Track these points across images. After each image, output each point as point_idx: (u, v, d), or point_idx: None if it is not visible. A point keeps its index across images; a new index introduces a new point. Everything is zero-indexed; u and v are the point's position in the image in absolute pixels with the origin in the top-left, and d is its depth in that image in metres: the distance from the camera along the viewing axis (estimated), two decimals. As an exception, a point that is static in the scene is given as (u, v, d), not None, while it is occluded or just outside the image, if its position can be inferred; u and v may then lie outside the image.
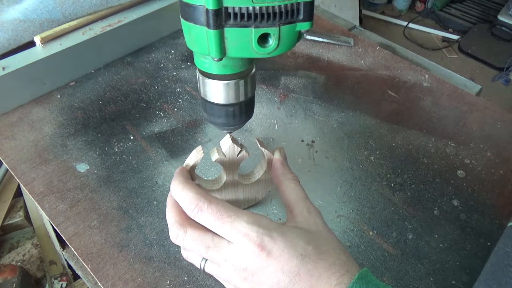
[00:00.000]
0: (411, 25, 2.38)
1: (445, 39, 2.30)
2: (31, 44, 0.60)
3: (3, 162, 0.52)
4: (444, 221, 0.50)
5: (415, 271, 0.45)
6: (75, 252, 0.44)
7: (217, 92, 0.34)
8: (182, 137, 0.57)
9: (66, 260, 0.92)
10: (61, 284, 1.10)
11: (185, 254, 0.36)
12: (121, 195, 0.50)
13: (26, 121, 0.57)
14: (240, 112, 0.36)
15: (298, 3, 0.29)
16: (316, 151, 0.57)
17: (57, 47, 0.60)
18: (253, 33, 0.29)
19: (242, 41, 0.30)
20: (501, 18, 2.17)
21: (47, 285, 1.10)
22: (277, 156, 0.40)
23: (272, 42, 0.30)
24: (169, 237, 0.46)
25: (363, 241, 0.48)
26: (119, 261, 0.44)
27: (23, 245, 1.17)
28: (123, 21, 0.66)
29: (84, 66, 0.64)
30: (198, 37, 0.30)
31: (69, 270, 1.10)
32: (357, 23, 1.91)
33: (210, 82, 0.34)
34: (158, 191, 0.50)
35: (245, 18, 0.28)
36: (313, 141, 0.58)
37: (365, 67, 0.71)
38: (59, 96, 0.61)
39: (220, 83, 0.34)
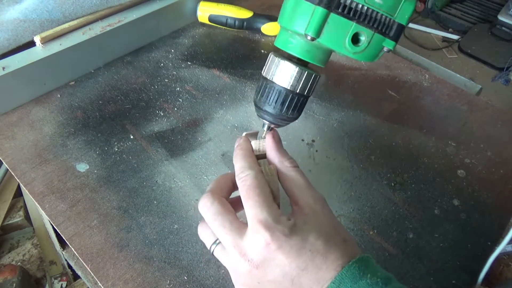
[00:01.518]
0: (411, 25, 2.38)
1: (445, 39, 2.30)
2: (31, 44, 0.60)
3: (3, 162, 0.52)
4: (444, 220, 0.50)
5: (415, 270, 0.45)
6: (75, 252, 0.44)
7: (288, 75, 0.36)
8: (182, 137, 0.57)
9: (66, 260, 0.92)
10: (61, 284, 1.10)
11: (200, 230, 0.36)
12: (121, 195, 0.49)
13: (26, 121, 0.57)
14: (295, 104, 0.37)
15: (394, 21, 0.33)
16: (316, 151, 0.57)
17: (57, 47, 0.60)
18: (352, 27, 0.32)
19: (339, 32, 0.33)
20: (501, 18, 2.17)
21: (47, 285, 1.10)
22: (269, 141, 0.37)
23: (363, 43, 0.33)
24: (169, 237, 0.46)
25: (363, 240, 0.48)
26: (119, 261, 0.44)
27: (23, 245, 1.17)
28: (123, 21, 0.66)
29: (84, 66, 0.64)
30: (302, 14, 0.33)
31: (69, 270, 1.10)
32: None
33: (285, 64, 0.36)
34: (158, 191, 0.50)
35: (352, 13, 0.32)
36: (313, 141, 0.58)
37: (365, 67, 0.71)
38: (59, 95, 0.61)
39: (295, 68, 0.35)
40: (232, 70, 0.68)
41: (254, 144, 0.38)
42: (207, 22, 0.76)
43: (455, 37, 2.29)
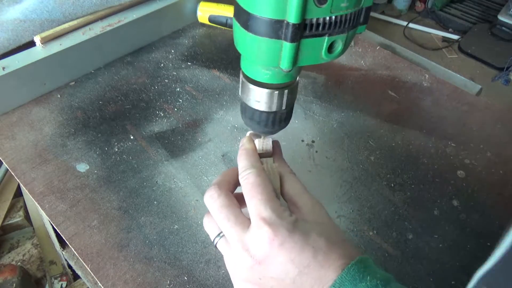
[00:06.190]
0: (411, 25, 2.38)
1: (445, 39, 2.30)
2: (31, 44, 0.60)
3: (3, 162, 0.52)
4: (444, 221, 0.50)
5: (415, 271, 0.45)
6: (75, 252, 0.44)
7: (262, 99, 0.35)
8: (182, 137, 0.57)
9: (66, 260, 0.92)
10: (61, 284, 1.10)
11: (206, 221, 0.37)
12: (121, 195, 0.50)
13: (26, 121, 0.57)
14: (280, 120, 0.37)
15: (361, 9, 0.31)
16: (316, 151, 0.57)
17: (57, 47, 0.60)
18: (325, 41, 0.30)
19: (314, 50, 0.30)
20: (501, 18, 2.17)
21: (47, 285, 1.10)
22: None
23: (339, 47, 0.31)
24: (169, 237, 0.46)
25: (363, 241, 0.48)
26: (119, 261, 0.44)
27: (23, 245, 1.17)
28: (123, 21, 0.66)
29: (84, 66, 0.64)
30: (270, 51, 0.30)
31: (69, 270, 1.10)
32: (357, 23, 1.90)
33: (265, 92, 0.34)
34: (158, 191, 0.50)
35: (320, 28, 0.29)
36: (313, 141, 0.58)
37: (365, 67, 0.71)
38: (59, 96, 0.61)
39: (267, 92, 0.34)
40: (232, 70, 0.68)
41: (258, 143, 0.39)
42: (207, 22, 0.75)
43: (455, 37, 2.29)
